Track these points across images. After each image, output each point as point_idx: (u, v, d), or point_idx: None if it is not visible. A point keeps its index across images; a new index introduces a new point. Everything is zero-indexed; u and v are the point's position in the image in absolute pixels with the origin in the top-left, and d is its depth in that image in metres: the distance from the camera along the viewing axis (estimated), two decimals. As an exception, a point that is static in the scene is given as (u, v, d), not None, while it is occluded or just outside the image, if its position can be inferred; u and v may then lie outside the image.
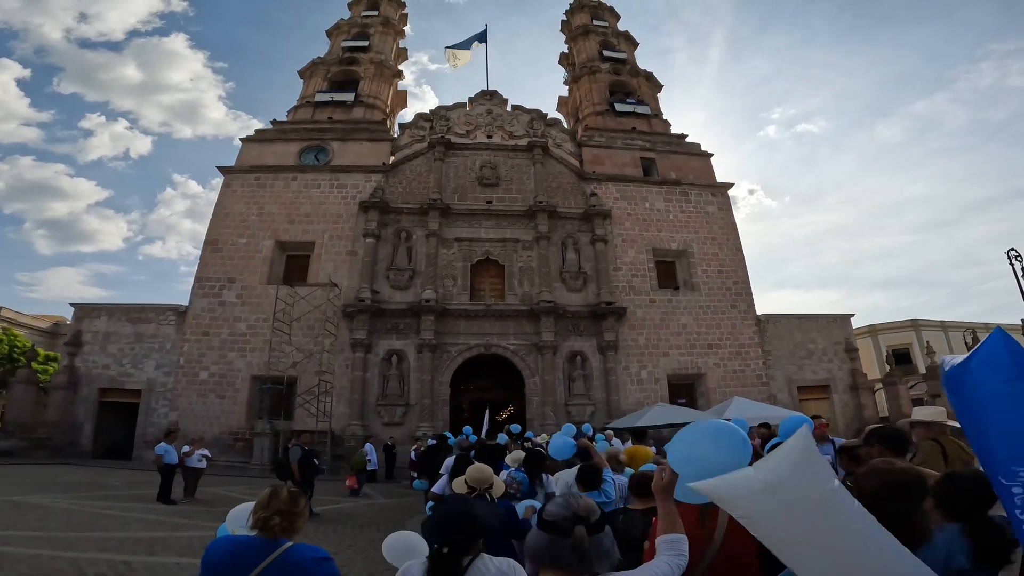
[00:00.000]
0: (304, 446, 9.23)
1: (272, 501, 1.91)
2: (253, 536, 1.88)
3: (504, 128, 21.42)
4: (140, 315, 17.69)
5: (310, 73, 24.35)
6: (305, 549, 1.89)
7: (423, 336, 17.18)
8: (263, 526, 1.87)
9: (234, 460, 15.92)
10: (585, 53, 26.37)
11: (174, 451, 9.56)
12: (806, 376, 19.42)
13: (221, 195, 19.59)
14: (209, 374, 16.79)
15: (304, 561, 1.84)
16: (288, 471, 8.72)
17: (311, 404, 16.15)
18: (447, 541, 1.73)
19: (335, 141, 20.96)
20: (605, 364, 17.68)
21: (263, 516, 1.88)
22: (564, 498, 1.45)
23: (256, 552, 1.82)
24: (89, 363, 17.27)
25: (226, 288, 17.85)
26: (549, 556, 1.34)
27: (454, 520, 1.78)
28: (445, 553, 1.71)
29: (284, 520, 1.88)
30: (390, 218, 19.03)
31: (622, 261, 19.45)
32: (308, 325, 17.24)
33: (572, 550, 1.31)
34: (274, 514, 1.88)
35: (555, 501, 1.45)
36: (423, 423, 16.35)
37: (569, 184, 20.65)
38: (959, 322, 36.59)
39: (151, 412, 16.61)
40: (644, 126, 23.46)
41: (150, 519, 7.75)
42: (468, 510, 1.86)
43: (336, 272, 18.07)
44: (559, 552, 1.31)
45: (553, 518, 1.36)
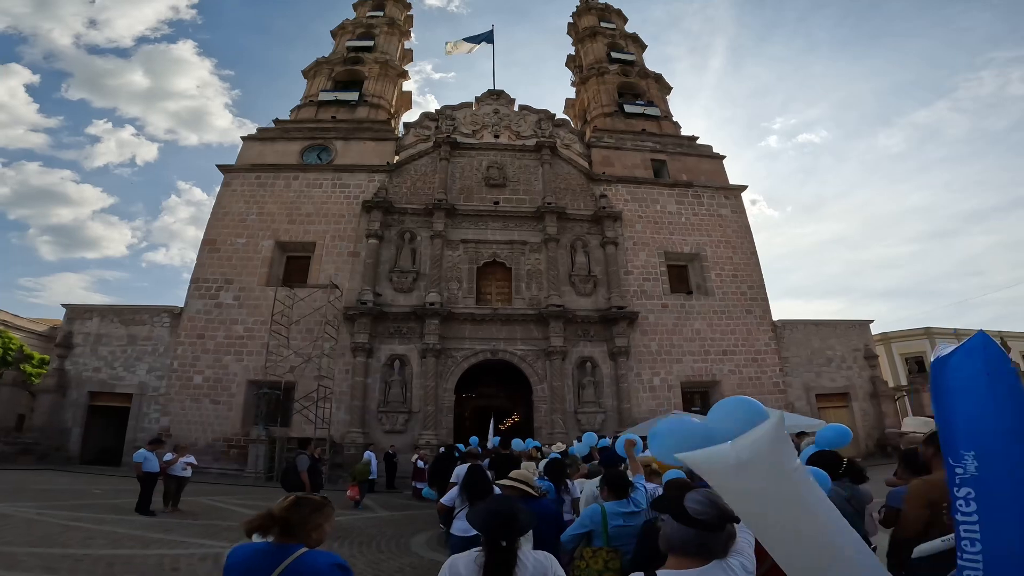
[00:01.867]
0: (312, 456, 8.80)
1: (273, 507, 1.92)
2: (268, 543, 1.89)
3: (511, 128, 20.93)
4: (133, 317, 17.05)
5: (314, 72, 23.97)
6: (319, 556, 1.87)
7: (427, 341, 16.51)
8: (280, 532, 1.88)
9: (228, 468, 15.18)
10: (593, 55, 26.00)
11: (155, 458, 8.85)
12: (824, 384, 18.69)
13: (220, 194, 19.06)
14: (203, 378, 16.10)
15: (318, 567, 1.83)
16: (297, 481, 8.21)
17: (309, 410, 15.44)
18: (505, 536, 1.89)
19: (338, 140, 20.47)
20: (616, 371, 16.97)
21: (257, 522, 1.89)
22: (704, 495, 1.52)
23: (270, 558, 1.83)
24: (79, 366, 16.61)
25: (223, 289, 17.23)
26: (695, 547, 1.45)
27: (510, 517, 1.94)
28: (504, 546, 1.87)
29: (283, 527, 1.87)
30: (394, 219, 18.46)
31: (633, 264, 18.82)
32: (307, 328, 16.59)
33: (725, 543, 1.45)
34: (268, 518, 1.88)
35: (696, 498, 1.51)
36: (426, 431, 15.62)
37: (578, 185, 20.10)
38: (972, 330, 35.84)
39: (142, 417, 15.90)
40: (654, 128, 22.98)
41: (120, 533, 7.03)
42: (516, 509, 2.01)
43: (337, 274, 17.45)
44: (708, 544, 1.43)
45: (703, 516, 1.45)
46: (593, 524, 3.20)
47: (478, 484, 4.38)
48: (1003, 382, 0.86)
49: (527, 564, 1.91)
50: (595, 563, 3.09)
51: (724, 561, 1.47)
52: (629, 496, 3.35)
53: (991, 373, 0.87)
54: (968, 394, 0.88)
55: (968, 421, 0.88)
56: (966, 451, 0.89)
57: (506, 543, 1.88)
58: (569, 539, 3.29)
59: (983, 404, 0.86)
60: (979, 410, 0.86)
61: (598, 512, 3.21)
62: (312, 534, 1.90)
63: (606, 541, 3.15)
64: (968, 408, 0.88)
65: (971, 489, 0.88)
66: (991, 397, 0.85)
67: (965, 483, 0.89)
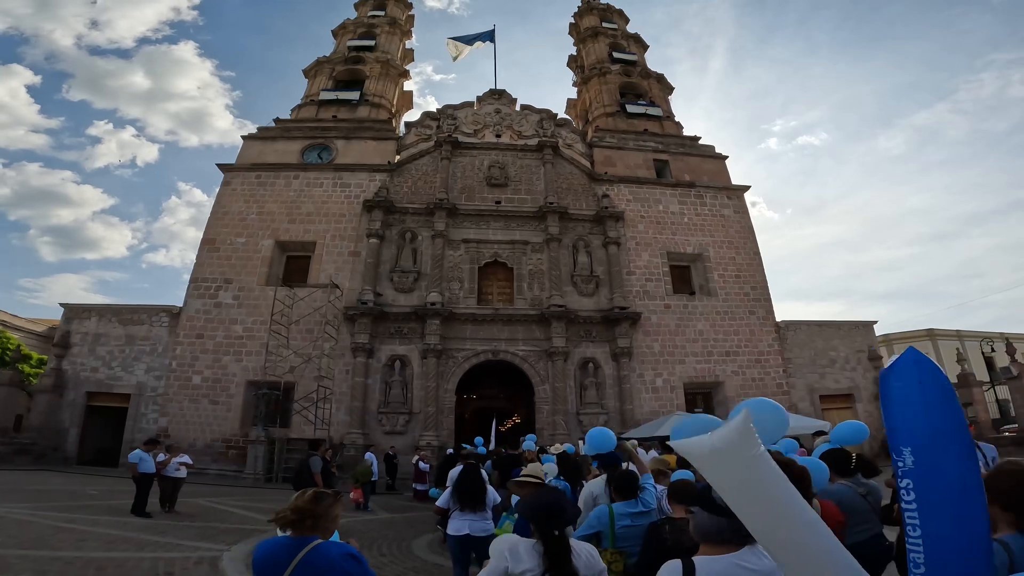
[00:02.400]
0: (323, 457, 8.76)
1: (295, 502, 2.04)
2: (287, 536, 2.01)
3: (513, 128, 20.83)
4: (132, 316, 16.91)
5: (315, 72, 23.89)
6: (333, 546, 1.97)
7: (428, 341, 16.37)
8: (292, 524, 1.99)
9: (227, 469, 15.03)
10: (595, 55, 25.92)
11: (150, 459, 8.70)
12: (828, 385, 18.55)
13: (220, 193, 18.94)
14: (202, 378, 15.96)
15: (331, 557, 1.92)
16: (310, 482, 8.07)
17: (309, 411, 15.30)
18: (558, 525, 2.00)
19: (339, 139, 20.37)
20: (619, 371, 16.83)
21: (286, 516, 2.01)
22: None
23: (288, 550, 1.93)
24: (77, 365, 16.47)
25: (222, 289, 17.10)
26: (729, 534, 1.53)
27: (560, 508, 2.05)
28: (557, 535, 1.97)
29: (301, 519, 1.98)
30: (395, 218, 18.34)
31: (635, 265, 18.69)
32: (307, 328, 16.46)
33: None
34: (293, 512, 1.99)
35: None
36: (427, 432, 15.47)
37: (580, 185, 19.99)
38: (975, 331, 35.97)
39: (140, 417, 15.75)
40: (656, 128, 22.88)
41: (114, 535, 6.85)
42: (563, 501, 2.13)
43: (338, 273, 17.33)
44: (741, 529, 1.43)
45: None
46: (601, 525, 3.16)
47: (470, 486, 4.42)
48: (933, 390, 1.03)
49: (581, 553, 2.01)
50: None
51: (756, 546, 1.54)
52: (638, 496, 3.29)
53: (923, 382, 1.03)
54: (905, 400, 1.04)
55: (905, 422, 1.03)
56: (904, 447, 1.02)
57: (558, 532, 1.98)
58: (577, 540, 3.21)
59: (916, 408, 1.02)
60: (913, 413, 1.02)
61: (606, 513, 3.18)
62: (330, 526, 2.03)
63: (612, 542, 3.10)
64: (905, 412, 1.03)
65: (910, 480, 1.02)
66: (922, 402, 1.02)
67: (905, 475, 1.03)
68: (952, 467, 1.00)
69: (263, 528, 8.10)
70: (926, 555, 1.00)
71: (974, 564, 0.96)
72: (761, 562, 1.52)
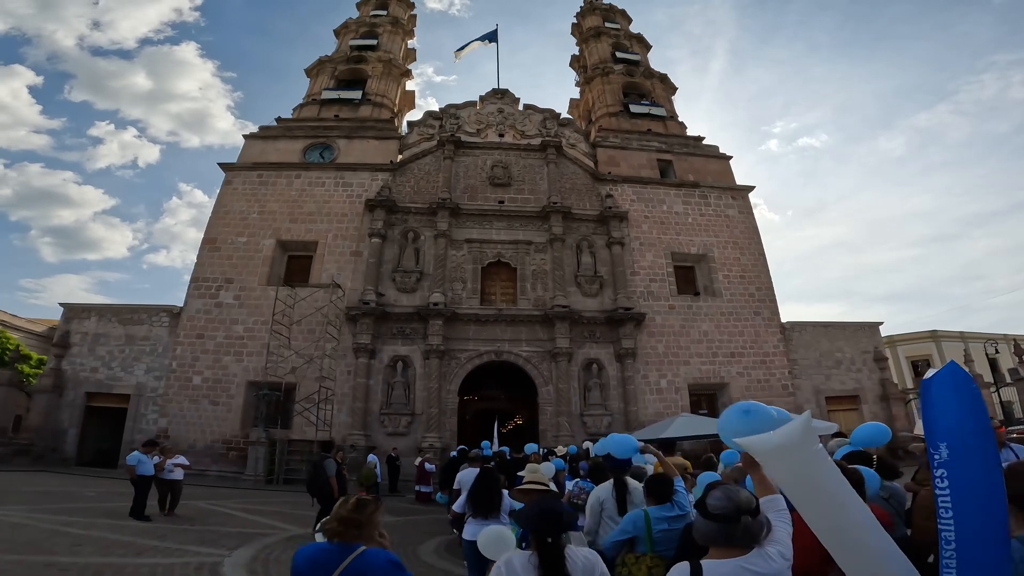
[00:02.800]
0: (336, 460, 8.54)
1: (339, 510, 2.06)
2: (330, 542, 2.02)
3: (516, 127, 20.71)
4: (132, 316, 16.77)
5: (317, 71, 23.79)
6: (380, 554, 2.00)
7: (430, 342, 16.22)
8: (337, 532, 2.01)
9: (227, 470, 14.87)
10: (597, 55, 25.82)
11: (149, 461, 8.52)
12: (834, 386, 18.39)
13: (222, 193, 18.82)
14: (202, 379, 15.81)
15: (377, 565, 1.95)
16: (325, 485, 7.90)
17: (311, 412, 15.15)
18: (551, 532, 1.97)
19: (341, 139, 20.25)
20: (623, 373, 16.67)
21: (332, 524, 2.02)
22: (723, 492, 1.68)
23: (334, 557, 1.95)
24: (76, 366, 16.33)
25: (223, 289, 16.96)
26: (723, 538, 1.62)
27: (555, 515, 2.02)
28: (550, 543, 1.95)
29: (347, 527, 2.00)
30: (397, 218, 18.21)
31: (639, 265, 18.55)
32: (309, 329, 16.32)
33: (743, 533, 1.60)
34: (341, 521, 2.01)
35: (716, 495, 1.68)
36: (429, 434, 15.31)
37: (583, 185, 19.86)
38: (979, 333, 35.77)
39: (140, 418, 15.60)
40: (660, 128, 22.77)
41: (111, 539, 6.67)
42: (559, 507, 2.12)
43: (340, 273, 17.19)
44: (732, 535, 1.59)
45: (720, 511, 1.61)
46: (636, 530, 3.10)
47: (485, 492, 4.33)
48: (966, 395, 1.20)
49: (576, 561, 1.99)
50: (638, 570, 2.98)
51: (763, 549, 1.61)
52: (672, 500, 3.20)
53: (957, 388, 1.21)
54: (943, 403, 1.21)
55: (943, 421, 1.20)
56: (941, 443, 1.19)
57: (551, 539, 1.96)
58: (611, 546, 3.17)
59: (952, 409, 1.18)
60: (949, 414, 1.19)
61: (641, 517, 3.12)
62: (373, 532, 2.07)
63: (650, 547, 3.05)
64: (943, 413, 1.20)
65: (944, 470, 1.19)
66: (957, 405, 1.19)
67: (941, 466, 1.20)
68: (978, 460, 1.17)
69: (264, 531, 7.98)
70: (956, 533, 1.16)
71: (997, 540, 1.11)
72: (768, 565, 1.57)
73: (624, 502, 3.72)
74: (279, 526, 8.52)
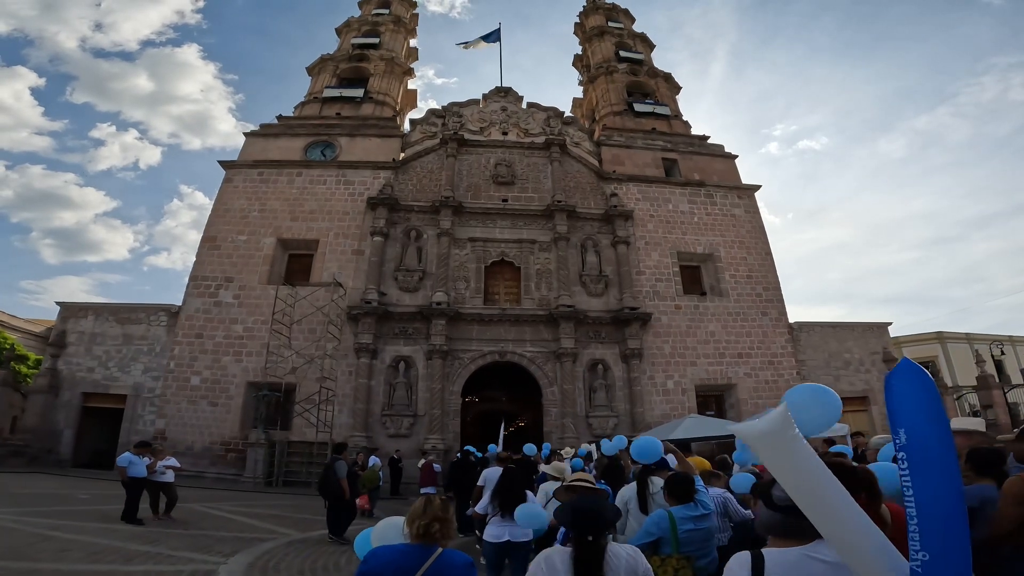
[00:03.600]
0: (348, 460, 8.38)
1: (428, 509, 2.01)
2: (410, 544, 1.99)
3: (519, 126, 20.49)
4: (129, 315, 16.50)
5: (319, 69, 23.60)
6: (455, 555, 2.00)
7: (433, 341, 15.94)
8: (423, 533, 1.97)
9: (225, 472, 14.58)
10: (601, 54, 25.64)
11: (141, 463, 8.20)
12: (843, 387, 18.02)
13: (222, 191, 18.58)
14: (201, 379, 15.52)
15: (455, 566, 1.96)
16: (336, 487, 7.69)
17: (311, 413, 14.87)
18: (591, 530, 1.95)
19: (343, 137, 20.03)
20: (629, 373, 16.38)
21: (423, 523, 1.98)
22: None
23: (415, 559, 1.93)
24: (73, 366, 16.05)
25: (223, 288, 16.69)
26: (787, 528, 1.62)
27: (594, 512, 1.99)
28: (590, 541, 1.93)
29: (442, 527, 2.00)
30: (399, 216, 17.96)
31: (645, 265, 18.28)
32: (309, 328, 16.05)
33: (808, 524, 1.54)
34: (432, 521, 1.98)
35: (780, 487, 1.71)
36: (432, 435, 15.02)
37: (588, 184, 19.62)
38: (985, 334, 35.46)
39: (136, 419, 15.31)
40: (664, 127, 22.55)
41: (100, 544, 6.33)
42: (601, 504, 2.13)
43: (341, 272, 16.93)
44: (796, 525, 1.56)
45: (785, 502, 1.59)
46: (661, 531, 3.06)
47: (511, 491, 4.26)
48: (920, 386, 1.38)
49: (620, 558, 1.95)
50: (664, 572, 2.91)
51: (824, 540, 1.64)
52: (694, 499, 3.18)
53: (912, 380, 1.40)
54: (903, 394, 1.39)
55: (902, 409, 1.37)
56: (900, 428, 1.35)
57: (592, 537, 1.92)
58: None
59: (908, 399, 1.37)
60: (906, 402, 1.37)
61: (665, 518, 3.08)
62: (451, 532, 2.06)
63: (676, 548, 3.01)
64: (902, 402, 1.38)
65: (904, 452, 1.34)
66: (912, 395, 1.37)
67: (901, 449, 1.35)
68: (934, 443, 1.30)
69: (263, 536, 7.67)
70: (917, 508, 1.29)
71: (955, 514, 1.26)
72: (831, 553, 1.58)
73: (645, 502, 3.64)
74: (278, 530, 8.20)
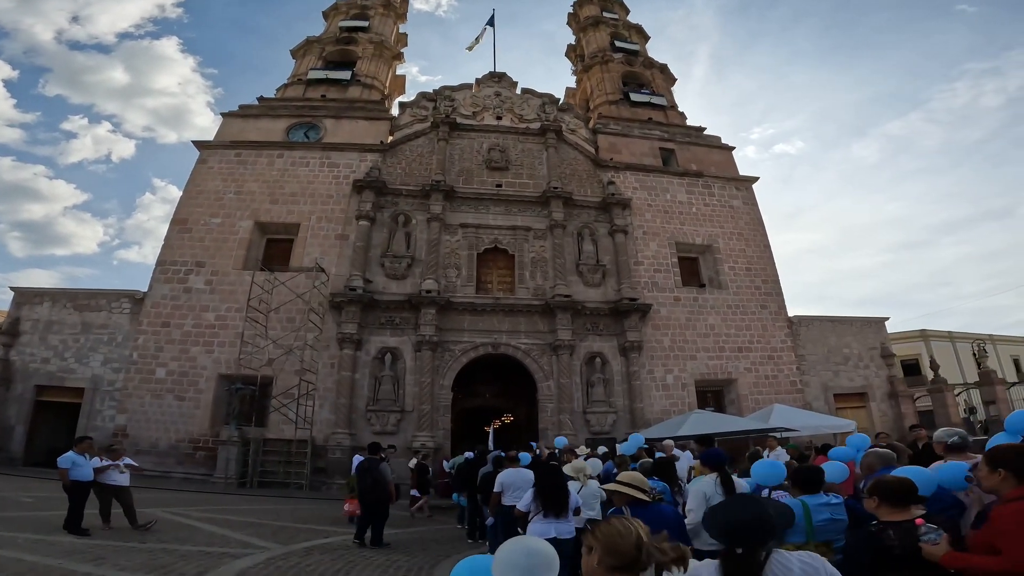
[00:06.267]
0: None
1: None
2: None
3: (514, 111, 19.71)
4: (89, 302, 15.15)
5: (303, 51, 22.50)
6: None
7: (422, 332, 15.00)
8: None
9: (194, 472, 13.40)
10: (596, 43, 25.08)
11: (87, 463, 7.01)
12: (842, 383, 17.73)
13: (195, 172, 17.35)
14: (167, 371, 14.29)
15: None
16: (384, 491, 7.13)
17: (289, 408, 13.78)
18: (740, 541, 1.67)
19: (328, 119, 18.97)
20: (628, 367, 15.69)
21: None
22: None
23: None
24: (26, 356, 14.65)
25: (193, 273, 15.48)
26: None
27: (747, 520, 1.68)
28: (739, 553, 1.65)
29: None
30: (387, 200, 16.99)
31: (643, 255, 17.66)
32: (288, 317, 14.97)
33: None
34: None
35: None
36: (421, 432, 14.07)
37: (584, 171, 18.94)
38: (967, 333, 36.10)
39: (95, 415, 14.00)
40: (660, 117, 22.05)
41: (29, 563, 5.14)
42: (762, 510, 1.75)
43: (324, 258, 15.87)
44: None
45: None
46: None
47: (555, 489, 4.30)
48: None
49: (792, 569, 1.62)
50: None
51: None
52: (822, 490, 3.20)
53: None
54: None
55: None
56: None
57: (743, 550, 1.62)
58: None
59: None
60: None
61: (799, 507, 3.05)
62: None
63: (810, 536, 2.98)
64: None
65: None
66: None
67: None
68: None
69: (234, 550, 6.47)
70: None
71: None
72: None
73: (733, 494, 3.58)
74: (254, 543, 6.95)
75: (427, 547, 7.46)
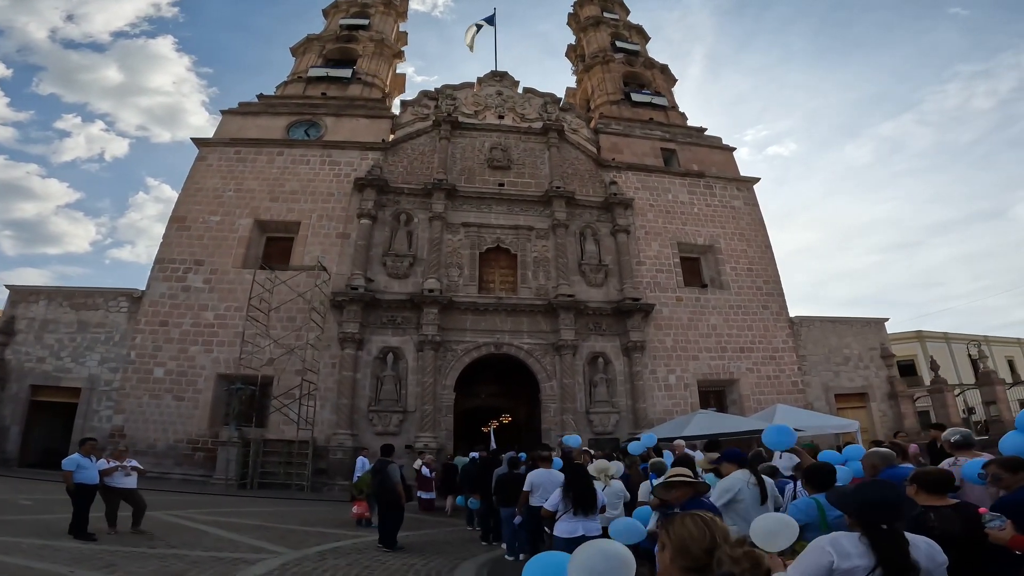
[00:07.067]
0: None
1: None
2: None
3: (516, 110, 19.65)
4: (85, 300, 14.93)
5: (303, 49, 22.34)
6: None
7: (424, 332, 14.90)
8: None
9: (192, 473, 13.24)
10: (596, 43, 25.07)
11: (92, 466, 6.79)
12: (843, 383, 17.79)
13: (194, 170, 17.16)
14: (165, 371, 14.11)
15: None
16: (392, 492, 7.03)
17: (290, 408, 13.64)
18: (886, 518, 1.82)
19: (329, 116, 18.83)
20: (630, 367, 15.65)
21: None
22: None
23: None
24: (21, 355, 14.43)
25: (192, 271, 15.30)
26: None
27: (893, 499, 1.88)
28: (885, 529, 1.80)
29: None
30: (388, 198, 16.87)
31: (646, 255, 17.64)
32: (289, 316, 14.83)
33: None
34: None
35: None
36: (423, 433, 13.96)
37: (586, 171, 18.90)
38: (962, 334, 36.34)
39: (91, 415, 13.79)
40: (661, 117, 22.06)
41: (36, 570, 4.94)
42: (900, 492, 2.03)
43: (324, 256, 15.73)
44: None
45: None
46: (809, 518, 3.11)
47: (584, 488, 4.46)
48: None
49: (919, 546, 1.81)
50: None
51: None
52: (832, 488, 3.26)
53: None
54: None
55: None
56: None
57: (886, 526, 1.80)
58: None
59: None
60: None
61: (814, 506, 3.16)
62: None
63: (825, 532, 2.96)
64: None
65: None
66: None
67: None
68: None
69: (247, 555, 6.30)
70: None
71: None
72: None
73: (764, 492, 3.75)
74: (265, 547, 6.74)
75: (441, 550, 7.35)
